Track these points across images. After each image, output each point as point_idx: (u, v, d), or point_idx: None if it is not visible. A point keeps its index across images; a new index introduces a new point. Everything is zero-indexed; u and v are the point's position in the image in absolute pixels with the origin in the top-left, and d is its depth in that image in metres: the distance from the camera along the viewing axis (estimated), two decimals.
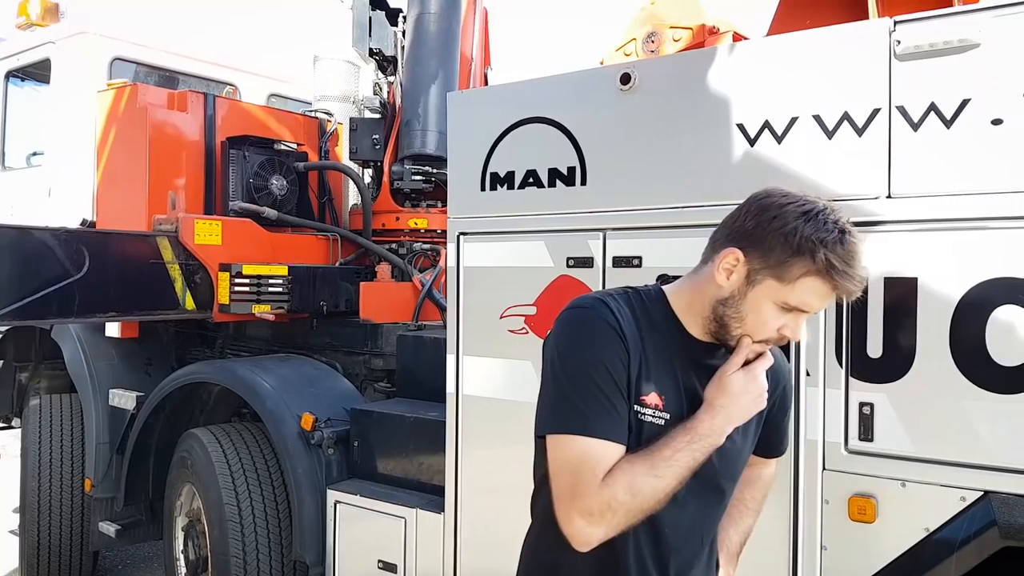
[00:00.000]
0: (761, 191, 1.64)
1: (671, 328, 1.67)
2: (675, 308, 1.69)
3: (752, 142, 2.62)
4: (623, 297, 1.69)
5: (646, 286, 1.76)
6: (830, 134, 2.48)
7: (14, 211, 5.79)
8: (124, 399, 4.83)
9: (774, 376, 1.78)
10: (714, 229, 1.73)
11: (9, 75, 6.15)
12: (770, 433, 1.89)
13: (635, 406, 1.59)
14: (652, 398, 1.60)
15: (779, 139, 2.57)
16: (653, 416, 1.60)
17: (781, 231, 1.52)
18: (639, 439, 1.59)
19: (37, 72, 5.91)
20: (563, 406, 1.58)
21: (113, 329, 4.94)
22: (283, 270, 4.50)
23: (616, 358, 1.58)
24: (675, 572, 1.71)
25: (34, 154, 5.98)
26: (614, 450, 1.54)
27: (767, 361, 1.66)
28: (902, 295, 2.35)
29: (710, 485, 1.70)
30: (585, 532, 1.53)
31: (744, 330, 1.60)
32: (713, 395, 1.61)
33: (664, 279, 1.78)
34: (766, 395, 1.66)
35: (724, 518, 1.90)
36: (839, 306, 2.44)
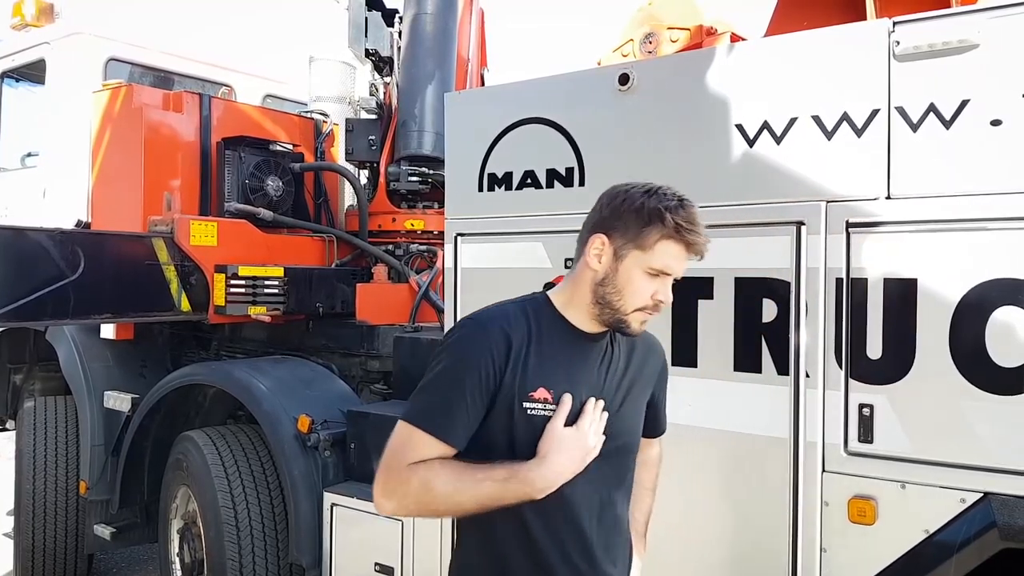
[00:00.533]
0: (608, 188, 1.88)
1: (559, 326, 1.85)
2: (559, 307, 1.87)
3: (751, 143, 2.62)
4: (519, 305, 1.87)
5: (533, 294, 1.95)
6: (829, 135, 2.48)
7: (9, 212, 5.77)
8: (119, 401, 4.80)
9: (654, 359, 2.04)
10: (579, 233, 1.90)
11: (4, 76, 6.13)
12: (654, 414, 2.09)
13: (524, 403, 1.76)
14: (540, 393, 1.77)
15: (778, 140, 2.57)
16: (543, 409, 1.77)
17: (632, 208, 1.76)
18: (532, 431, 1.76)
19: (32, 73, 5.89)
20: (416, 401, 1.80)
21: (108, 331, 4.92)
22: (279, 271, 4.48)
23: (480, 369, 1.74)
24: (601, 551, 1.87)
25: (29, 155, 5.95)
26: (435, 446, 1.73)
27: (593, 415, 1.80)
28: (902, 296, 2.35)
29: (612, 458, 1.87)
30: (379, 501, 1.77)
31: (623, 303, 1.78)
32: (545, 448, 1.75)
33: (548, 285, 1.95)
34: (597, 448, 1.80)
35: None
36: (839, 307, 2.44)
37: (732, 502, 2.65)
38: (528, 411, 1.76)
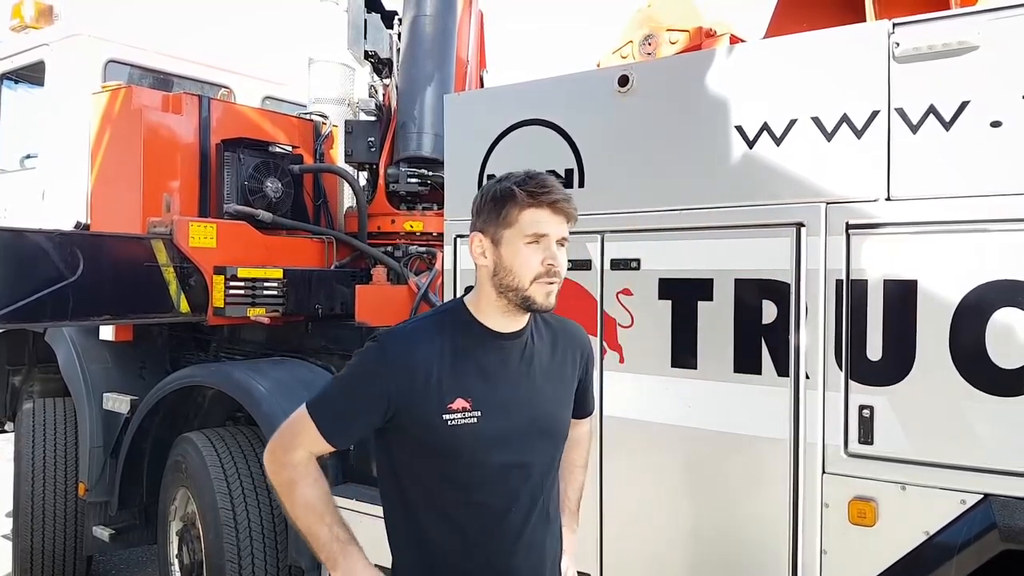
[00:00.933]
0: None
1: (475, 331, 1.94)
2: (473, 312, 1.96)
3: (751, 144, 2.62)
4: (434, 319, 2.01)
5: (453, 300, 2.08)
6: (829, 136, 2.48)
7: (8, 214, 5.76)
8: (118, 403, 4.79)
9: (576, 345, 2.11)
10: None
11: (3, 77, 6.12)
12: (582, 396, 2.18)
13: (443, 415, 1.85)
14: (458, 403, 1.86)
15: (778, 141, 2.57)
16: (463, 418, 1.86)
17: (488, 199, 1.90)
18: (457, 440, 1.86)
19: (31, 74, 5.88)
20: (323, 393, 1.97)
21: (107, 332, 4.91)
22: (278, 273, 4.47)
23: (374, 393, 1.88)
24: (529, 531, 1.96)
25: (28, 156, 5.95)
26: (321, 442, 1.91)
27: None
28: (902, 297, 2.35)
29: (527, 445, 1.95)
30: (265, 462, 1.98)
31: (519, 279, 1.86)
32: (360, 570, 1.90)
33: (468, 289, 2.04)
34: None
35: (560, 481, 2.14)
36: (839, 309, 2.44)
37: (732, 504, 2.65)
38: (449, 422, 1.85)
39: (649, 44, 4.17)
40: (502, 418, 1.90)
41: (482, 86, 5.67)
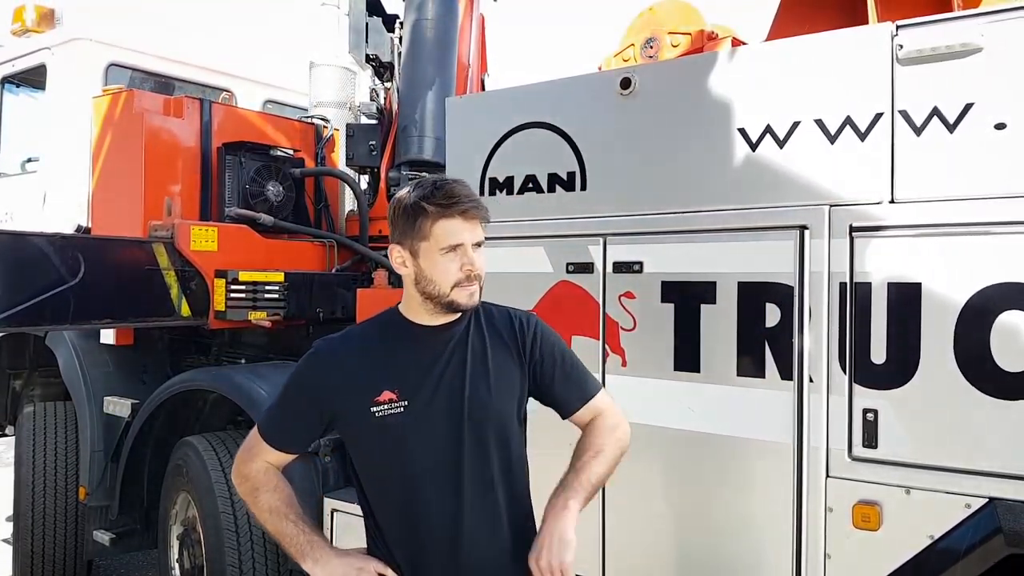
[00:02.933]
0: None
1: (404, 327, 2.02)
2: (404, 313, 2.05)
3: (754, 147, 2.61)
4: (370, 323, 2.10)
5: (386, 309, 2.12)
6: (832, 139, 2.47)
7: (10, 217, 5.75)
8: (119, 406, 4.78)
9: (520, 333, 2.07)
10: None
11: (4, 81, 6.12)
12: (550, 383, 2.08)
13: (372, 408, 1.93)
14: (385, 395, 1.94)
15: (781, 144, 2.56)
16: (390, 409, 1.94)
17: (400, 212, 1.95)
18: (386, 429, 1.94)
19: (32, 78, 5.87)
20: (266, 410, 2.14)
21: (108, 336, 4.90)
22: (279, 276, 4.47)
23: (308, 395, 2.03)
24: (483, 534, 1.97)
25: (29, 160, 5.94)
26: (274, 452, 2.06)
27: (373, 568, 1.94)
28: (906, 300, 2.34)
29: (459, 437, 1.96)
30: (232, 477, 2.11)
31: (439, 287, 1.93)
32: (326, 557, 1.96)
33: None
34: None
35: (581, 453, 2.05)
36: (842, 311, 2.43)
37: (735, 508, 2.64)
38: (376, 414, 1.93)
39: (651, 47, 4.17)
40: (429, 406, 1.95)
41: (483, 90, 5.67)
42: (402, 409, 1.93)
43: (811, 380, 2.48)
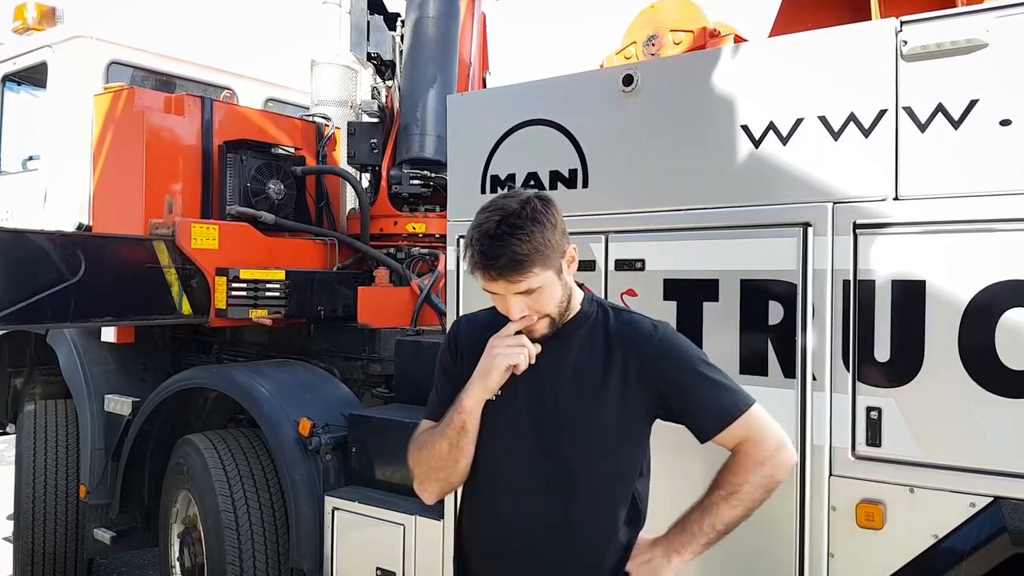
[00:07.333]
0: None
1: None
2: None
3: (757, 143, 2.60)
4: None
5: None
6: (836, 135, 2.46)
7: (11, 215, 5.75)
8: (120, 405, 4.78)
9: (639, 352, 1.92)
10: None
11: (5, 79, 6.11)
12: (684, 410, 1.94)
13: None
14: None
15: (784, 140, 2.55)
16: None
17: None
18: (483, 414, 1.94)
19: (33, 76, 5.87)
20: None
21: (109, 334, 4.89)
22: (280, 275, 4.46)
23: (443, 364, 2.11)
24: (520, 547, 1.95)
25: (30, 158, 5.94)
26: (428, 424, 2.06)
27: (518, 324, 1.88)
28: (910, 298, 2.32)
29: (538, 437, 1.92)
30: (416, 490, 2.08)
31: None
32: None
33: None
34: (517, 352, 1.87)
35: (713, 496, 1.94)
36: (846, 309, 2.42)
37: None
38: None
39: (653, 44, 4.15)
40: (517, 404, 1.93)
41: (485, 88, 5.66)
42: (494, 399, 1.93)
43: (814, 378, 2.47)
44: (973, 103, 2.26)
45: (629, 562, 1.96)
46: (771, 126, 2.57)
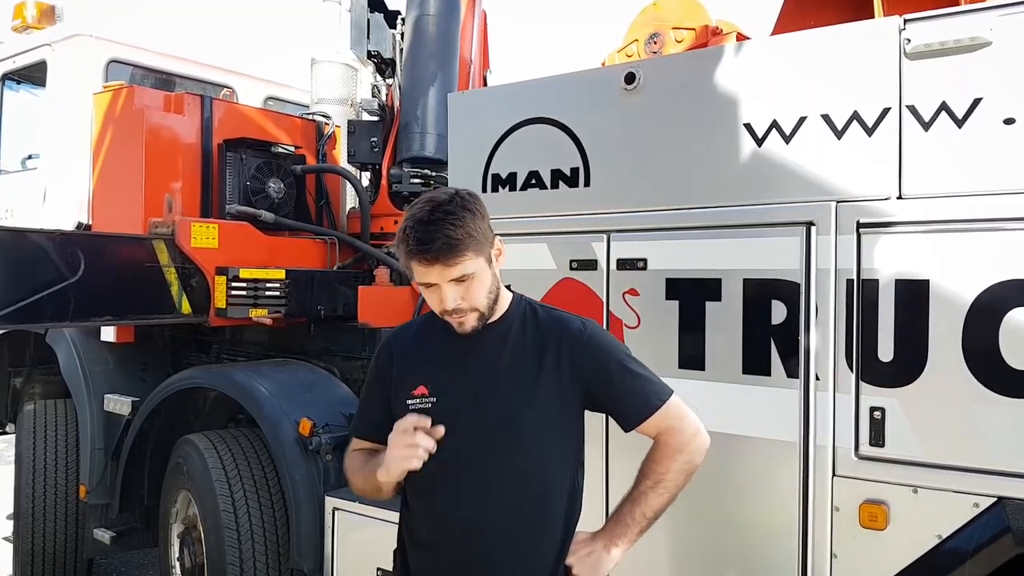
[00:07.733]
0: None
1: (443, 327, 2.01)
2: None
3: (760, 142, 2.59)
4: (425, 317, 2.11)
5: None
6: (839, 134, 2.45)
7: (9, 214, 5.74)
8: (119, 404, 4.77)
9: (566, 346, 2.00)
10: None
11: (5, 78, 6.10)
12: (609, 401, 2.04)
13: (407, 401, 1.99)
14: (419, 389, 2.00)
15: (787, 139, 2.54)
16: (420, 403, 1.98)
17: (397, 235, 1.92)
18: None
19: (33, 75, 5.86)
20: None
21: (108, 333, 4.88)
22: (280, 274, 4.44)
23: (375, 376, 2.14)
24: (464, 531, 1.98)
25: (29, 157, 5.93)
26: (356, 442, 2.18)
27: (410, 421, 1.91)
28: (913, 297, 2.32)
29: (479, 436, 1.97)
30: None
31: (434, 310, 1.98)
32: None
33: None
34: (410, 455, 1.87)
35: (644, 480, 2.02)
36: (849, 309, 2.41)
37: (741, 507, 2.61)
38: (410, 407, 1.98)
39: (655, 42, 4.14)
40: (454, 407, 1.97)
41: (485, 86, 5.65)
42: (430, 405, 1.97)
43: (817, 378, 2.46)
44: (977, 102, 2.25)
45: (570, 556, 2.01)
46: (774, 125, 2.57)
